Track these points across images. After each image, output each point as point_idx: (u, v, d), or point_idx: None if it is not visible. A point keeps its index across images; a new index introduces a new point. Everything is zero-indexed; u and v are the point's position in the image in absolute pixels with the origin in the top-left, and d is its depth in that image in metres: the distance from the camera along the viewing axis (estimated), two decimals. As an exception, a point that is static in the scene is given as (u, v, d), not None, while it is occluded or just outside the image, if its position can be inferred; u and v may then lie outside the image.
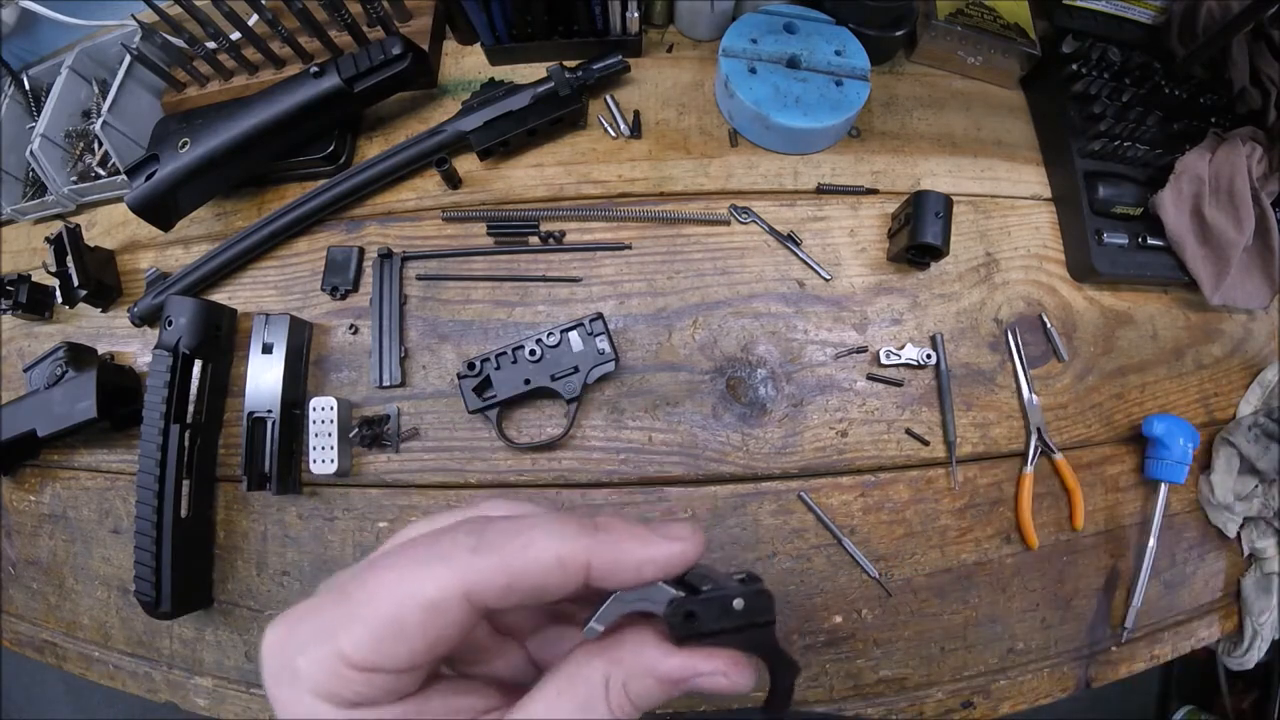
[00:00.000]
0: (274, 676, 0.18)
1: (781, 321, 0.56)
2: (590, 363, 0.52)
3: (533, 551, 0.18)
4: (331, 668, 0.17)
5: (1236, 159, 0.56)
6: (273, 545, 0.54)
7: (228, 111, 0.55)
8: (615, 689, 0.19)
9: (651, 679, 0.19)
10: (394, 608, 0.17)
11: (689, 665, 0.19)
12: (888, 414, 0.54)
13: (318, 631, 0.18)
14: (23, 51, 0.73)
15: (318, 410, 0.52)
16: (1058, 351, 0.57)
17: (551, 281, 0.56)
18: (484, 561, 0.18)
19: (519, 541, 0.18)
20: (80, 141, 0.66)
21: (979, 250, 0.59)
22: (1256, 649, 0.57)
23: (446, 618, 0.17)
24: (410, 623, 0.17)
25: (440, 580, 0.17)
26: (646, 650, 0.19)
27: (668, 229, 0.58)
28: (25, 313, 0.62)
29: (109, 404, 0.54)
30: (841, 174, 0.60)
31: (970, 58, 0.63)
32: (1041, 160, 0.63)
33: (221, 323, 0.55)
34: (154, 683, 0.55)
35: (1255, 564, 0.57)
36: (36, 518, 0.60)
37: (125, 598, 0.56)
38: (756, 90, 0.57)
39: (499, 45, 0.61)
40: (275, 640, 0.19)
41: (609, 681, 0.19)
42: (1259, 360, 0.61)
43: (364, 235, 0.59)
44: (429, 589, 0.17)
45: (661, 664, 0.19)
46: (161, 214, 0.57)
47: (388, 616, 0.17)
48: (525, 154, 0.60)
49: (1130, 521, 0.56)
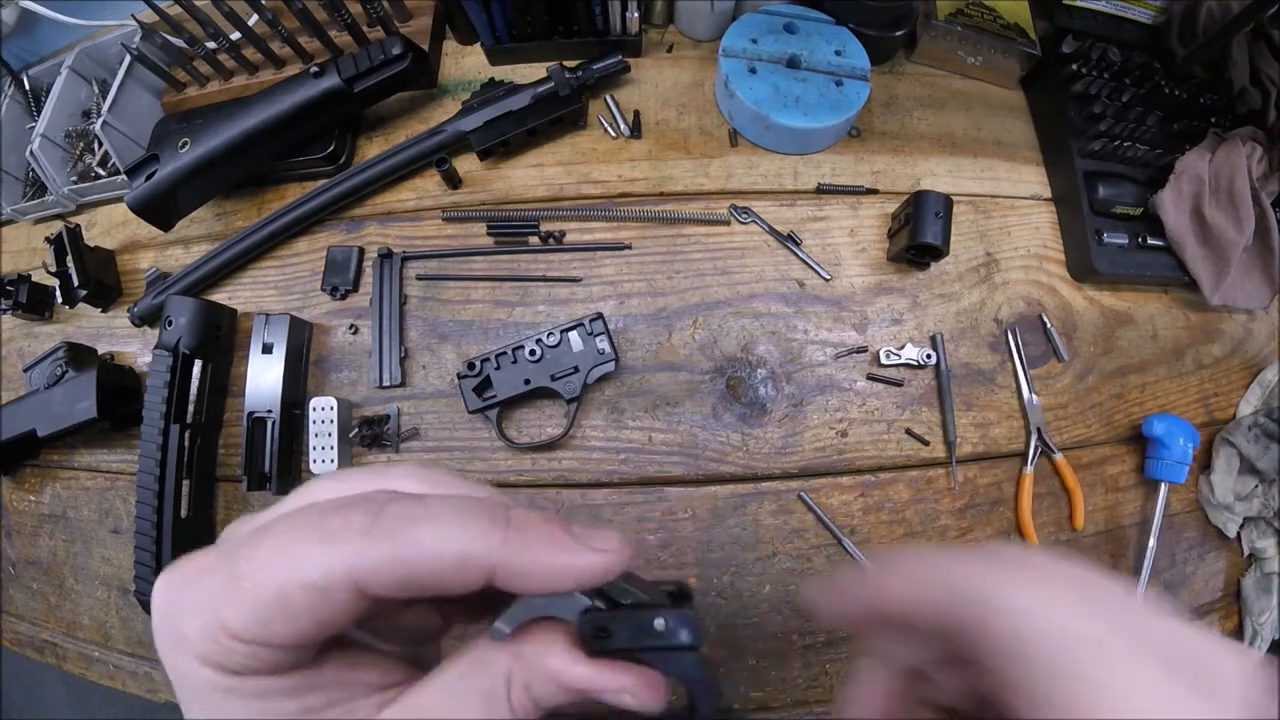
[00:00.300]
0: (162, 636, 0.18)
1: (781, 321, 0.56)
2: (590, 363, 0.52)
3: (430, 545, 0.16)
4: (215, 637, 0.16)
5: (1236, 159, 0.56)
6: (273, 545, 0.54)
7: (228, 111, 0.55)
8: (518, 687, 0.18)
9: (554, 685, 0.18)
10: (278, 586, 0.16)
11: (595, 679, 0.18)
12: (888, 414, 0.54)
13: (202, 598, 0.17)
14: (23, 51, 0.73)
15: (318, 410, 0.52)
16: (1058, 351, 0.57)
17: (551, 281, 0.56)
18: (375, 550, 0.16)
19: (417, 532, 0.16)
20: (80, 141, 0.66)
21: (979, 250, 0.59)
22: (1257, 649, 0.57)
23: (333, 602, 0.16)
24: (295, 603, 0.16)
25: (326, 563, 0.16)
26: (553, 654, 0.18)
27: (668, 229, 0.58)
28: (25, 313, 0.62)
29: (109, 404, 0.54)
30: (841, 174, 0.60)
31: (970, 58, 0.63)
32: (1041, 160, 0.63)
33: (221, 323, 0.55)
34: (154, 683, 0.55)
35: (1255, 564, 0.57)
36: (36, 518, 0.60)
37: (125, 598, 0.56)
38: (756, 90, 0.56)
39: (499, 45, 0.61)
40: (162, 601, 0.18)
41: (511, 679, 0.18)
42: (1259, 360, 0.61)
43: (364, 235, 0.59)
44: (314, 571, 0.16)
45: (567, 672, 0.18)
46: (161, 214, 0.57)
47: (272, 594, 0.16)
48: (525, 154, 0.60)
49: (1130, 521, 0.56)
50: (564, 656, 0.18)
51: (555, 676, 0.18)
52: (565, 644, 0.18)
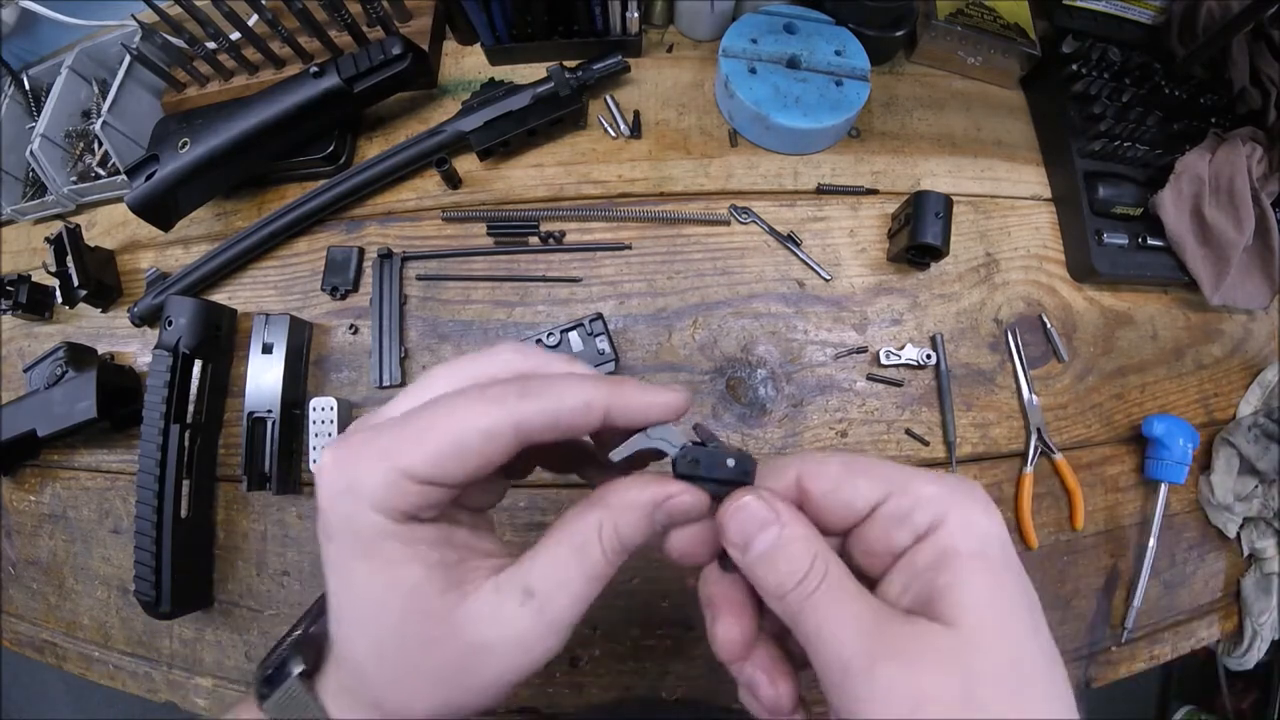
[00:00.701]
0: (331, 490, 0.22)
1: (781, 322, 0.56)
2: (590, 363, 0.52)
3: (567, 399, 0.22)
4: (392, 480, 0.21)
5: (1236, 159, 0.56)
6: (273, 545, 0.54)
7: (228, 111, 0.55)
8: (607, 531, 0.23)
9: (634, 511, 0.23)
10: (457, 433, 0.21)
11: (660, 489, 0.23)
12: (888, 414, 0.54)
13: (380, 452, 0.21)
14: (23, 51, 0.73)
15: (318, 410, 0.52)
16: (1058, 352, 0.57)
17: (551, 281, 0.56)
18: (529, 405, 0.22)
19: (555, 390, 0.22)
20: (80, 141, 0.66)
21: (979, 250, 0.59)
22: (1256, 649, 0.57)
23: (498, 444, 0.21)
24: (470, 446, 0.21)
25: (495, 416, 0.21)
26: (629, 492, 0.23)
27: (668, 229, 0.58)
28: (25, 313, 0.62)
29: (109, 404, 0.54)
30: (841, 174, 0.60)
31: (970, 58, 0.63)
32: (1041, 160, 0.63)
33: (221, 323, 0.55)
34: (154, 683, 0.55)
35: (1255, 564, 0.57)
36: (36, 518, 0.60)
37: (125, 598, 0.56)
38: (756, 90, 0.57)
39: (499, 45, 0.61)
40: (335, 460, 0.22)
41: (601, 525, 0.23)
42: (1259, 360, 0.61)
43: (364, 235, 0.59)
44: (486, 421, 0.21)
45: (641, 495, 0.23)
46: (161, 214, 0.57)
47: (452, 439, 0.21)
48: (525, 154, 0.60)
49: (1130, 521, 0.56)
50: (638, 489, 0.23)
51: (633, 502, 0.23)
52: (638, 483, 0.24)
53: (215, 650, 0.54)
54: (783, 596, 0.22)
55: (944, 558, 0.21)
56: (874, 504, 0.23)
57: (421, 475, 0.21)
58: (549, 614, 0.22)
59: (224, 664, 0.54)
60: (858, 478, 0.23)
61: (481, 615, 0.22)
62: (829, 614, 0.21)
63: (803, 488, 0.24)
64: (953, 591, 0.20)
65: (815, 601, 0.21)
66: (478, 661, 0.22)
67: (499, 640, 0.22)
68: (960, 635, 0.20)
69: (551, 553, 0.23)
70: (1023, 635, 0.20)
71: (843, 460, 0.24)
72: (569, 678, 0.50)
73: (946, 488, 0.22)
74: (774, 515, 0.23)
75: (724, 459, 0.24)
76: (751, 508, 0.23)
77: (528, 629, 0.22)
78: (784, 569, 0.22)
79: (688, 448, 0.25)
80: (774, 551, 0.22)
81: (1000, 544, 0.22)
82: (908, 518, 0.22)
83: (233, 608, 0.54)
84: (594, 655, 0.50)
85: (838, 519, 0.23)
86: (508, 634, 0.22)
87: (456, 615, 0.22)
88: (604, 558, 0.23)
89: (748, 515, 0.23)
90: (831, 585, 0.21)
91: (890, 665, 0.19)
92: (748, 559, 0.23)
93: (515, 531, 0.52)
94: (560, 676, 0.50)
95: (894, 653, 0.20)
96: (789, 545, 0.22)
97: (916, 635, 0.20)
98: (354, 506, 0.21)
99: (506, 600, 0.22)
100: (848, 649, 0.20)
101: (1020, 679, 0.20)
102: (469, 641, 0.22)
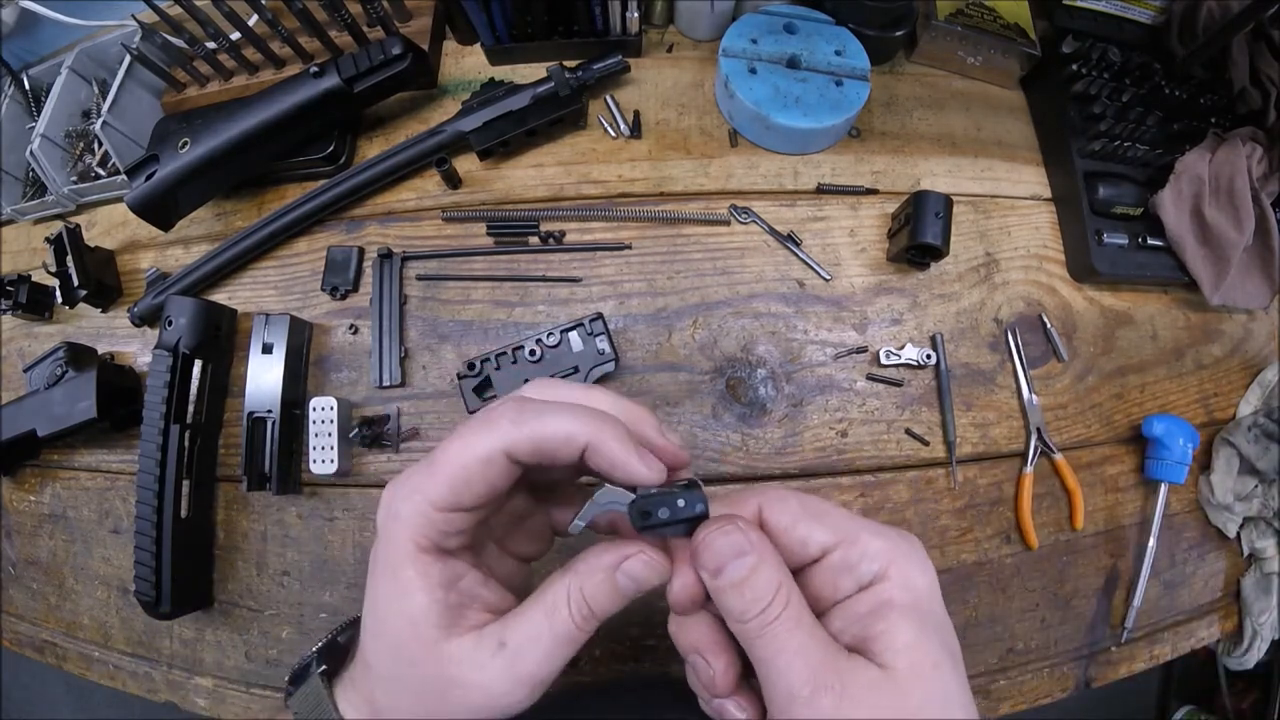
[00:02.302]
0: (384, 517, 0.26)
1: (781, 321, 0.56)
2: (590, 363, 0.52)
3: (549, 427, 0.25)
4: (422, 509, 0.25)
5: (1236, 159, 0.57)
6: (273, 545, 0.54)
7: (228, 111, 0.55)
8: (575, 595, 0.25)
9: (596, 574, 0.25)
10: (461, 463, 0.25)
11: (618, 552, 0.26)
12: (888, 414, 0.54)
13: (412, 488, 0.25)
14: (23, 51, 0.73)
15: (318, 410, 0.52)
16: (1058, 351, 0.57)
17: (551, 281, 0.56)
18: (517, 431, 0.25)
19: (542, 418, 0.25)
20: (80, 141, 0.66)
21: (979, 250, 0.59)
22: (1256, 649, 0.57)
23: (495, 467, 0.25)
24: (473, 472, 0.25)
25: (489, 441, 0.25)
26: (593, 557, 0.26)
27: (668, 229, 0.58)
28: (25, 313, 0.62)
29: (109, 404, 0.54)
30: (841, 174, 0.60)
31: (970, 58, 0.63)
32: (1041, 160, 0.63)
33: (221, 323, 0.55)
34: (154, 683, 0.55)
35: (1255, 564, 0.57)
36: (36, 518, 0.60)
37: (125, 598, 0.56)
38: (756, 90, 0.57)
39: (499, 45, 0.61)
40: (387, 495, 0.26)
41: (569, 589, 0.25)
42: (1259, 360, 0.61)
43: (364, 235, 0.59)
44: (482, 448, 0.25)
45: (601, 558, 0.26)
46: (161, 214, 0.57)
47: (457, 469, 0.25)
48: (525, 154, 0.60)
49: (1130, 521, 0.56)
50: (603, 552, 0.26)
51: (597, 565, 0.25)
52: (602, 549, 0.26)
53: (215, 650, 0.54)
54: (745, 622, 0.24)
55: (882, 608, 0.24)
56: (824, 549, 0.25)
57: (441, 504, 0.25)
58: (518, 667, 0.25)
59: (224, 664, 0.54)
60: (812, 521, 0.25)
61: (460, 656, 0.25)
62: (784, 644, 0.23)
63: (763, 518, 0.26)
64: (886, 638, 0.23)
65: (774, 630, 0.23)
66: (451, 693, 0.24)
67: (471, 682, 0.24)
68: (892, 676, 0.22)
69: (527, 613, 0.26)
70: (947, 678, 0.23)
71: (800, 501, 0.26)
72: (568, 677, 0.50)
73: (890, 543, 0.25)
74: (748, 545, 0.24)
75: (674, 499, 0.25)
76: (727, 536, 0.24)
77: (496, 677, 0.24)
78: (749, 596, 0.24)
79: (635, 500, 0.26)
80: (743, 580, 0.24)
81: (930, 599, 0.25)
82: (854, 568, 0.25)
83: (233, 608, 0.54)
84: (594, 655, 0.50)
85: (790, 555, 0.26)
86: (478, 678, 0.24)
87: (442, 648, 0.25)
88: (572, 620, 0.25)
89: (724, 543, 0.24)
90: (789, 616, 0.23)
91: (829, 696, 0.22)
92: (717, 583, 0.24)
93: (515, 531, 0.52)
94: (560, 676, 0.50)
95: (834, 685, 0.22)
96: (757, 573, 0.24)
97: (855, 671, 0.23)
98: (394, 531, 0.25)
99: (483, 648, 0.25)
100: (796, 678, 0.22)
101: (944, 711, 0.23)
102: (447, 674, 0.24)
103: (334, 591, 0.53)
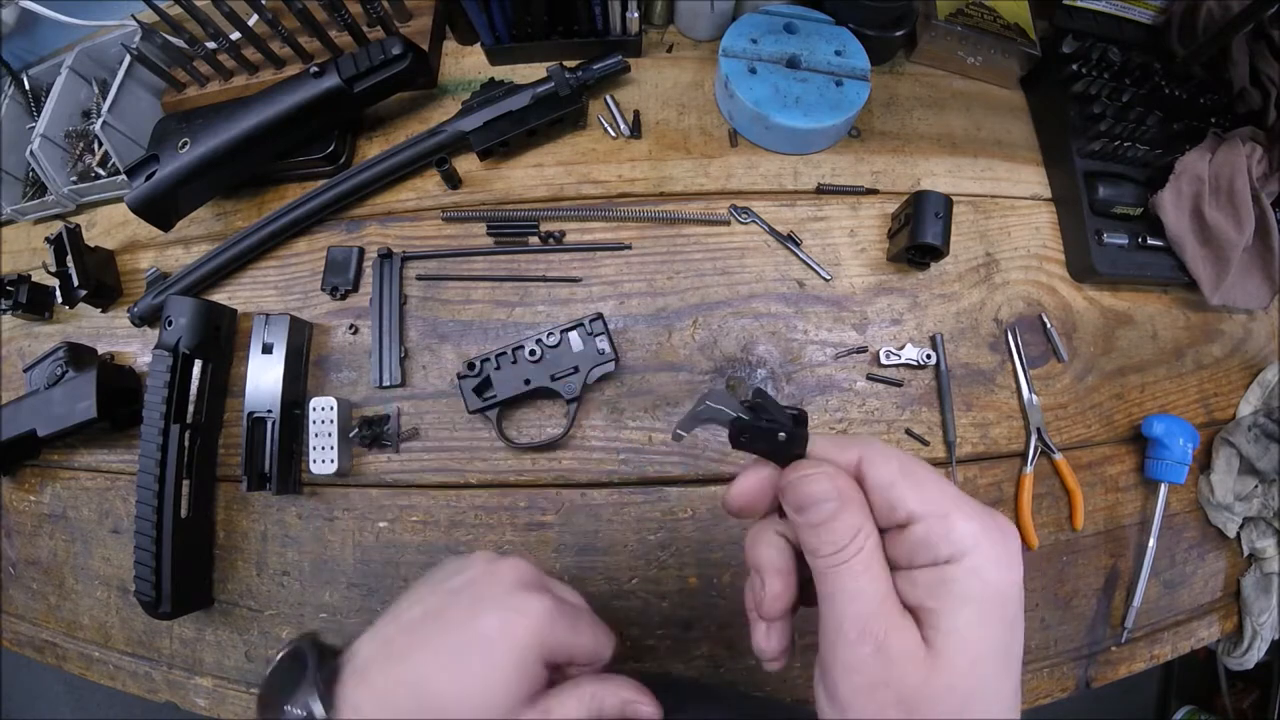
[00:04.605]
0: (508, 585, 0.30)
1: (781, 321, 0.56)
2: (590, 363, 0.52)
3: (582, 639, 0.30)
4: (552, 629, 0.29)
5: (1236, 159, 0.56)
6: (273, 545, 0.54)
7: (228, 111, 0.55)
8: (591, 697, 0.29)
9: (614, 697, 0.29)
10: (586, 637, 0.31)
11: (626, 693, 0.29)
12: (888, 414, 0.54)
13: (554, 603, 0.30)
14: (23, 51, 0.73)
15: (318, 410, 0.52)
16: (1058, 351, 0.57)
17: (551, 281, 0.56)
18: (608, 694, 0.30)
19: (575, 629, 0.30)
20: (80, 141, 0.66)
21: (979, 250, 0.59)
22: (1256, 649, 0.57)
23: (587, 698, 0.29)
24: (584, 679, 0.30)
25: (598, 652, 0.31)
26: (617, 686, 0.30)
27: (668, 229, 0.58)
28: (25, 313, 0.62)
29: (109, 404, 0.54)
30: (841, 174, 0.60)
31: (970, 58, 0.63)
32: (1041, 160, 0.63)
33: (221, 323, 0.55)
34: (154, 683, 0.55)
35: (1255, 564, 0.57)
36: (36, 518, 0.60)
37: (125, 598, 0.56)
38: (756, 90, 0.56)
39: (499, 45, 0.61)
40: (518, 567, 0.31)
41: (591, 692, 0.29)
42: (1259, 360, 0.61)
43: (364, 235, 0.59)
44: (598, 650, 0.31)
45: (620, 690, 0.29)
46: (161, 214, 0.57)
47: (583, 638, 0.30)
48: (525, 154, 0.60)
49: (1130, 521, 0.56)
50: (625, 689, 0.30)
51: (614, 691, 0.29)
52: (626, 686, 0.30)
53: (215, 650, 0.54)
54: (818, 557, 0.25)
55: (944, 587, 0.23)
56: (910, 518, 0.25)
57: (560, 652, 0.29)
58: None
59: (224, 664, 0.54)
60: (906, 487, 0.25)
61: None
62: (847, 584, 0.24)
63: (862, 470, 0.26)
64: (937, 617, 0.23)
65: (841, 571, 0.24)
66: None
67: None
68: (930, 654, 0.23)
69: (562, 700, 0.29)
70: (985, 677, 0.23)
71: (901, 463, 0.26)
72: (569, 678, 0.50)
73: (980, 528, 0.24)
74: (833, 492, 0.25)
75: (774, 434, 0.26)
76: (814, 484, 0.25)
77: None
78: (826, 538, 0.25)
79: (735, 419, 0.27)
80: (823, 523, 0.25)
81: (1001, 595, 0.24)
82: (933, 546, 0.24)
83: (233, 608, 0.54)
84: (594, 655, 0.50)
85: (879, 514, 0.26)
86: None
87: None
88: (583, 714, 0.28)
89: (811, 488, 0.25)
90: (860, 560, 0.24)
91: (869, 645, 0.23)
92: (800, 519, 0.25)
93: (515, 531, 0.52)
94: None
95: (878, 637, 0.23)
96: (837, 518, 0.25)
97: (901, 632, 0.23)
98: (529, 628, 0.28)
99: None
100: (848, 619, 0.23)
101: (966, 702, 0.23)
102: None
103: (334, 591, 0.53)
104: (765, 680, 0.50)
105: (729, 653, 0.50)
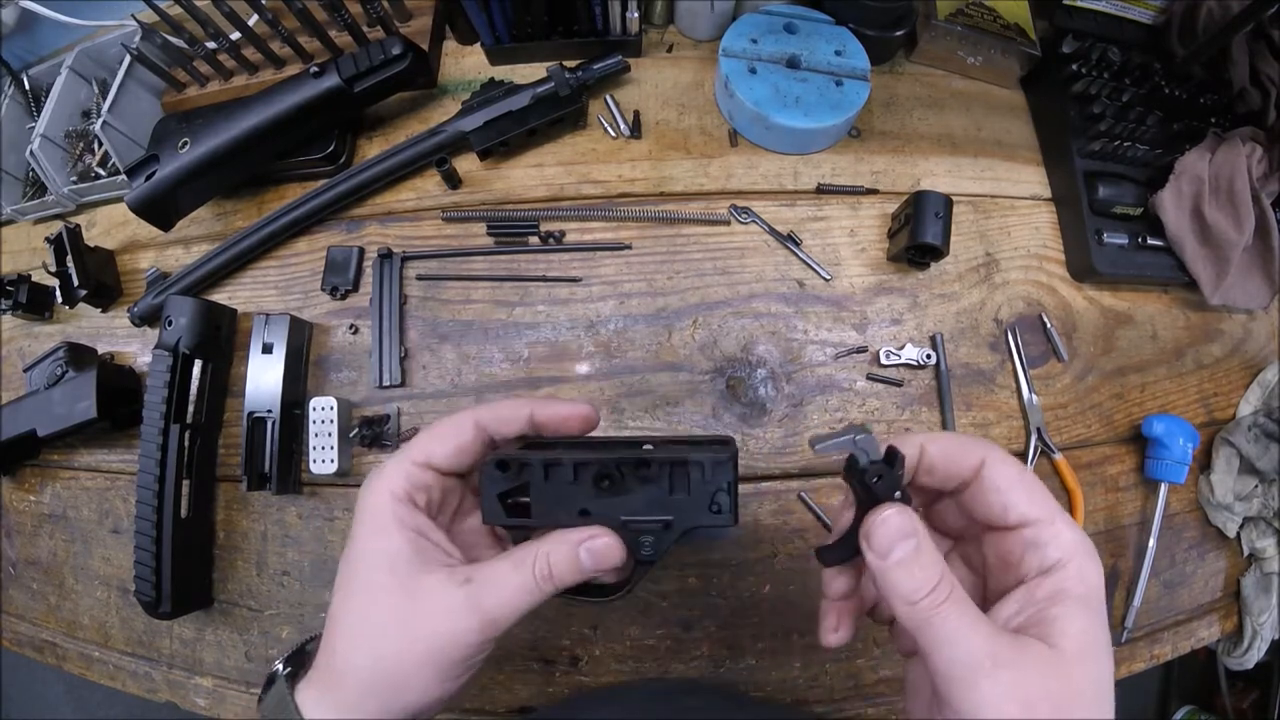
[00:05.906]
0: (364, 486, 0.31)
1: (781, 321, 0.56)
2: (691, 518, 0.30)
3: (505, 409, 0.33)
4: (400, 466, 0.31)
5: (1236, 159, 0.56)
6: (273, 545, 0.54)
7: (228, 111, 0.55)
8: (540, 557, 0.29)
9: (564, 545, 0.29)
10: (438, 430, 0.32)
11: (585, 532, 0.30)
12: (888, 414, 0.54)
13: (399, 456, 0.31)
14: (23, 51, 0.73)
15: (318, 410, 0.52)
16: (1058, 351, 0.57)
17: (551, 281, 0.56)
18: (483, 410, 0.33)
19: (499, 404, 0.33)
20: (80, 141, 0.66)
21: (979, 250, 0.59)
22: (1256, 649, 0.57)
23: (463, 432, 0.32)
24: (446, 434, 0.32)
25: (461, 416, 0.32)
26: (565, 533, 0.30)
27: (668, 229, 0.58)
28: (25, 313, 0.62)
29: (109, 404, 0.54)
30: (841, 174, 0.60)
31: (970, 58, 0.63)
32: (1041, 160, 0.63)
33: (221, 323, 0.55)
34: (154, 683, 0.55)
35: (1255, 564, 0.57)
36: (36, 518, 0.60)
37: (125, 598, 0.56)
38: (756, 90, 0.57)
39: (499, 45, 0.61)
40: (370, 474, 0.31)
41: (537, 552, 0.29)
42: (1259, 360, 0.61)
43: (364, 235, 0.59)
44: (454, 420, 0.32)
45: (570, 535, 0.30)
46: (161, 214, 0.57)
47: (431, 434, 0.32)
48: (525, 154, 0.60)
49: (1130, 521, 0.56)
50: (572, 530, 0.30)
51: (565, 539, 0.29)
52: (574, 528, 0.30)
53: (215, 650, 0.54)
54: (914, 603, 0.25)
55: (1060, 595, 0.26)
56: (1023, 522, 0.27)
57: (417, 459, 0.31)
58: (479, 600, 0.28)
59: (224, 664, 0.54)
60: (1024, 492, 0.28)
61: (429, 586, 0.29)
62: (958, 623, 0.25)
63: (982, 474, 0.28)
64: (1060, 622, 0.25)
65: (945, 611, 0.25)
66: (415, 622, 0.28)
67: (437, 608, 0.28)
68: (1062, 656, 0.25)
69: (494, 562, 0.30)
70: (1104, 665, 0.26)
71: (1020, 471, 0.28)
72: (569, 678, 0.50)
73: (1079, 536, 0.27)
74: (913, 529, 0.26)
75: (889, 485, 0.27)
76: (894, 520, 0.26)
77: (459, 605, 0.28)
78: (919, 576, 0.25)
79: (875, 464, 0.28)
80: (910, 559, 0.26)
81: (1098, 595, 0.27)
82: (1042, 549, 0.27)
83: (233, 608, 0.54)
84: (594, 655, 0.50)
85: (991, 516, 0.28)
86: (444, 604, 0.28)
87: (414, 580, 0.29)
88: (533, 577, 0.29)
89: (892, 527, 0.26)
90: (957, 599, 0.25)
91: (1009, 671, 0.24)
92: (887, 563, 0.26)
93: (515, 531, 0.52)
94: (560, 676, 0.50)
95: (1011, 662, 0.24)
96: (923, 556, 0.26)
97: (1028, 648, 0.25)
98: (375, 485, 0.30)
99: (452, 581, 0.29)
100: (976, 654, 0.24)
101: (1100, 693, 0.25)
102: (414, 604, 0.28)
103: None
104: (767, 681, 0.50)
105: (730, 652, 0.50)
